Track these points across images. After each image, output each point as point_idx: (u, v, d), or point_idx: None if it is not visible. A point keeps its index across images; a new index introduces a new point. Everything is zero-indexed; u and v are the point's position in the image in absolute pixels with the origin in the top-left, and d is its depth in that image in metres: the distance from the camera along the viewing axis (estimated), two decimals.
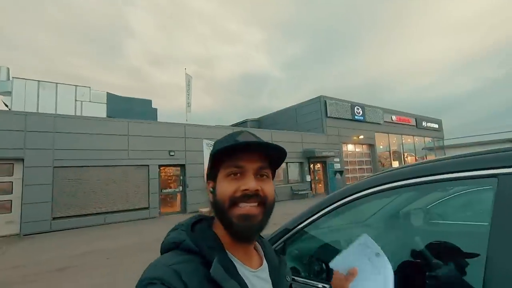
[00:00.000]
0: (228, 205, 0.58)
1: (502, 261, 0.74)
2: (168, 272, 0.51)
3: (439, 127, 28.95)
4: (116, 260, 5.55)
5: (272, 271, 0.67)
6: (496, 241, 0.77)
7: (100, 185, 10.20)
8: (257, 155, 0.61)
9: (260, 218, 0.59)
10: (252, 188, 0.58)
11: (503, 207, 0.78)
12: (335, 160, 18.17)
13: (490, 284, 0.74)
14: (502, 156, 0.85)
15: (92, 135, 10.20)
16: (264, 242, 0.73)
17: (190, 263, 0.54)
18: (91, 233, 8.54)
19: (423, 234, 1.59)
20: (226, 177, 0.60)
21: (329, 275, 1.34)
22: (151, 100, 24.39)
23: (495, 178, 0.83)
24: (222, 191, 0.60)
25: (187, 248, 0.57)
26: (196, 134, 12.67)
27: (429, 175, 1.01)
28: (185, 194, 12.29)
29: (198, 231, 0.62)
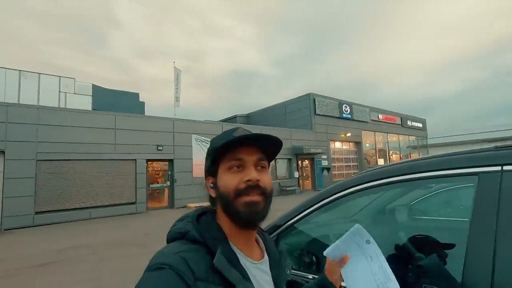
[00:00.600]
0: (233, 196, 0.61)
1: (480, 253, 0.80)
2: (176, 259, 0.53)
3: (423, 126, 29.77)
4: (101, 255, 5.48)
5: (273, 264, 0.69)
6: (475, 235, 0.83)
7: (85, 179, 9.98)
8: (255, 148, 0.64)
9: (263, 205, 0.62)
10: (254, 178, 0.61)
11: (483, 204, 0.84)
12: (322, 157, 18.43)
13: (468, 274, 0.81)
14: (483, 155, 0.91)
15: (77, 128, 9.94)
16: (265, 236, 0.75)
17: (196, 252, 0.56)
18: (76, 228, 8.37)
19: (407, 229, 1.67)
20: (228, 170, 0.63)
21: (319, 267, 1.39)
22: (139, 94, 23.95)
23: (476, 176, 0.89)
24: (225, 184, 0.63)
25: (192, 238, 0.60)
26: (185, 129, 12.55)
27: (414, 173, 1.06)
28: (173, 189, 12.20)
29: (203, 223, 0.64)
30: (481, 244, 0.81)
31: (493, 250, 0.77)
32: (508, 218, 0.79)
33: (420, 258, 1.14)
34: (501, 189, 0.82)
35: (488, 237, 0.80)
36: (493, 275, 0.75)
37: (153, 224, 8.72)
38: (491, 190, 0.83)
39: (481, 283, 0.77)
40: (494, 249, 0.77)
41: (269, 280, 0.66)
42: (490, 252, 0.78)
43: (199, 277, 0.52)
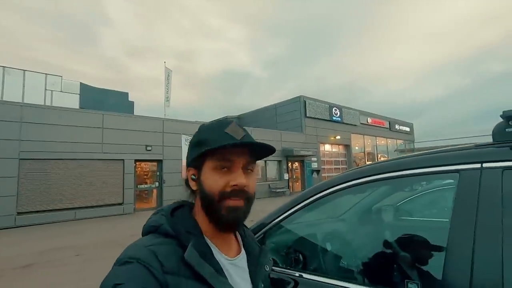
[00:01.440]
0: (218, 198, 0.59)
1: (460, 248, 0.82)
2: (145, 252, 0.52)
3: (410, 130, 30.42)
4: (86, 257, 5.35)
5: (251, 260, 0.68)
6: (456, 230, 0.85)
7: (70, 179, 9.73)
8: (246, 149, 0.62)
9: (244, 210, 0.61)
10: (241, 184, 0.60)
11: (464, 199, 0.86)
12: (312, 159, 18.57)
13: (448, 269, 0.82)
14: (463, 153, 0.94)
15: (64, 126, 9.70)
16: (245, 231, 0.74)
17: (168, 245, 0.55)
18: (60, 229, 8.15)
19: (392, 229, 1.70)
20: (214, 170, 0.60)
21: (305, 265, 1.40)
22: (128, 93, 23.61)
23: (457, 173, 0.91)
24: (211, 184, 0.60)
25: (165, 231, 0.59)
26: (175, 129, 12.43)
27: (398, 170, 1.08)
28: (162, 190, 12.05)
29: (178, 216, 0.63)
30: (461, 239, 0.83)
31: (472, 244, 0.79)
32: (487, 213, 0.81)
33: (403, 256, 1.16)
34: (480, 185, 0.84)
35: (467, 232, 0.82)
36: (472, 269, 0.77)
37: (141, 225, 8.28)
38: (472, 187, 0.86)
39: (461, 276, 0.79)
40: (473, 243, 0.79)
41: (246, 276, 0.64)
42: (469, 246, 0.80)
43: (169, 270, 0.51)
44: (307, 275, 1.32)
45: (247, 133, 0.65)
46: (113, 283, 0.48)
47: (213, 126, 0.65)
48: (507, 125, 0.89)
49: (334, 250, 1.51)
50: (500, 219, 0.78)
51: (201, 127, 0.68)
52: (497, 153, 0.87)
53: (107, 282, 0.49)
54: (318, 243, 1.62)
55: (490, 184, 0.83)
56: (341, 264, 1.36)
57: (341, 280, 1.13)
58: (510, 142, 0.87)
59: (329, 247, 1.54)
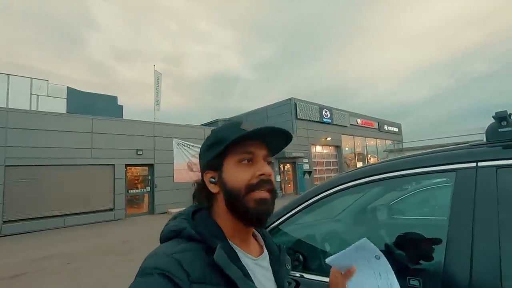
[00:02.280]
0: (245, 192, 0.58)
1: (459, 244, 0.85)
2: (168, 261, 0.49)
3: (398, 130, 31.02)
4: (78, 264, 5.22)
5: (273, 259, 0.67)
6: (454, 227, 0.89)
7: (59, 185, 9.49)
8: (263, 143, 0.63)
9: (271, 202, 0.60)
10: (267, 173, 0.60)
11: (461, 197, 0.90)
12: (304, 161, 18.69)
13: (449, 264, 0.86)
14: (460, 153, 0.98)
15: (51, 131, 9.47)
16: (263, 232, 0.74)
17: (192, 251, 0.53)
18: (49, 237, 7.93)
19: (392, 227, 1.74)
20: (238, 164, 0.60)
21: (305, 266, 1.42)
22: (117, 97, 23.24)
23: (454, 172, 0.95)
24: (236, 179, 0.59)
25: (188, 235, 0.56)
26: (166, 133, 12.32)
27: (396, 170, 1.12)
28: (153, 194, 11.89)
29: (199, 219, 0.61)
30: (459, 235, 0.87)
31: (471, 240, 0.83)
32: (483, 210, 0.85)
33: (404, 253, 1.20)
34: (476, 184, 0.89)
35: (465, 228, 0.86)
36: (471, 263, 0.81)
37: (133, 231, 8.44)
38: (468, 185, 0.90)
39: (461, 271, 0.82)
40: (472, 239, 0.83)
41: (270, 276, 0.64)
42: (468, 242, 0.83)
43: (195, 279, 0.49)
44: (308, 275, 1.34)
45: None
46: None
47: (227, 126, 0.65)
48: (499, 125, 0.94)
49: (335, 249, 1.54)
50: (496, 215, 0.83)
51: (214, 130, 0.67)
52: (491, 152, 0.92)
53: None
54: (318, 243, 1.65)
55: (485, 182, 0.88)
56: None
57: None
58: (503, 142, 0.92)
59: (329, 247, 1.56)
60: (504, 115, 0.93)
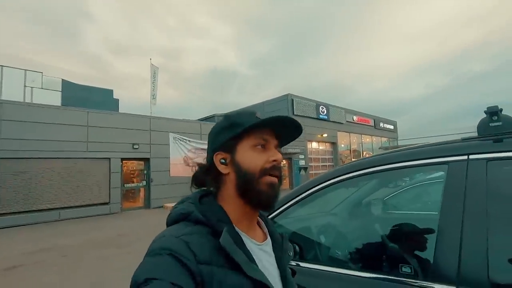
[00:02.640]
0: (259, 175, 0.61)
1: (450, 232, 0.89)
2: (177, 242, 0.51)
3: (394, 128, 31.23)
4: (74, 257, 5.24)
5: (276, 246, 0.69)
6: (445, 216, 0.93)
7: (54, 178, 9.45)
8: (274, 132, 0.66)
9: (278, 188, 0.64)
10: (280, 160, 0.64)
11: (452, 188, 0.94)
12: (300, 157, 18.78)
13: (439, 251, 0.90)
14: (451, 146, 1.02)
15: (45, 124, 9.39)
16: (267, 220, 0.76)
17: (199, 234, 0.55)
18: (45, 230, 7.91)
19: (382, 221, 1.78)
20: (254, 148, 0.63)
21: (301, 255, 1.46)
22: (112, 90, 23.06)
23: (446, 165, 0.99)
24: (251, 162, 0.62)
25: (196, 219, 0.58)
26: (162, 127, 12.27)
27: (391, 163, 1.15)
28: (149, 188, 11.89)
29: (206, 204, 0.63)
30: (450, 225, 0.91)
31: (461, 229, 0.87)
32: (474, 200, 0.89)
33: (397, 243, 1.24)
34: (467, 176, 0.92)
35: (456, 218, 0.90)
36: (460, 250, 0.85)
37: (128, 225, 8.45)
38: (459, 177, 0.94)
39: (450, 257, 0.86)
40: (462, 228, 0.87)
41: (273, 261, 0.66)
42: (458, 230, 0.87)
43: (202, 260, 0.50)
44: (304, 264, 1.38)
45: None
46: (145, 277, 0.47)
47: (242, 113, 0.67)
48: (490, 120, 0.98)
49: (330, 241, 1.58)
50: (485, 206, 0.87)
51: (229, 114, 0.69)
52: (482, 145, 0.96)
53: (138, 277, 0.48)
54: (313, 235, 1.68)
55: (476, 174, 0.91)
56: (337, 253, 1.43)
57: (338, 267, 1.20)
58: (494, 136, 0.96)
59: (324, 239, 1.60)
60: (495, 110, 0.97)
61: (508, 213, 0.89)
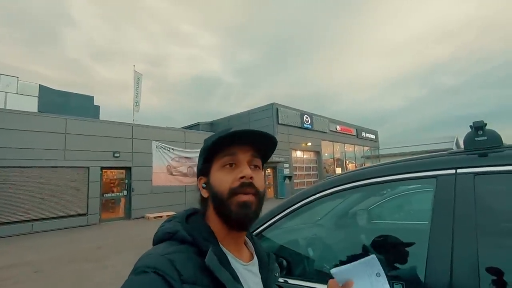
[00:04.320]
0: (227, 195, 0.60)
1: (440, 246, 0.89)
2: (162, 260, 0.51)
3: (375, 137, 32.13)
4: (46, 273, 4.92)
5: (262, 266, 0.68)
6: (436, 230, 0.92)
7: (28, 188, 8.93)
8: (249, 146, 0.64)
9: (255, 207, 0.61)
10: (247, 175, 0.60)
11: (441, 202, 0.94)
12: (285, 166, 18.85)
13: (431, 265, 0.89)
14: (440, 160, 1.03)
15: (20, 131, 8.93)
16: (254, 239, 0.75)
17: (184, 253, 0.54)
18: (15, 244, 7.42)
19: (370, 232, 1.78)
20: (222, 168, 0.62)
21: (289, 270, 1.42)
22: (93, 97, 22.39)
23: (435, 179, 0.99)
24: (219, 183, 0.61)
25: (181, 238, 0.58)
26: (145, 135, 11.99)
27: (381, 176, 1.15)
28: (130, 198, 11.49)
29: (192, 223, 0.63)
30: (440, 238, 0.90)
31: (451, 242, 0.87)
32: (462, 213, 0.89)
33: (388, 257, 1.23)
34: (455, 189, 0.93)
35: (446, 232, 0.89)
36: (451, 261, 0.84)
37: (107, 237, 8.08)
38: (448, 190, 0.94)
39: (442, 268, 0.86)
40: (452, 241, 0.87)
41: (259, 282, 0.65)
42: (448, 244, 0.87)
43: (187, 279, 0.50)
44: (292, 280, 1.34)
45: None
46: None
47: (215, 133, 0.66)
48: (476, 135, 0.99)
49: (318, 254, 1.55)
50: (474, 218, 0.87)
51: (205, 139, 0.69)
52: (469, 160, 0.97)
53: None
54: (301, 249, 1.65)
55: (463, 187, 0.92)
56: (326, 268, 1.40)
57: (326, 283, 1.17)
58: (479, 150, 0.97)
59: (313, 252, 1.57)
60: (481, 124, 0.98)
61: (495, 227, 0.90)
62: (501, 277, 0.83)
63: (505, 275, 0.82)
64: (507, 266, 0.84)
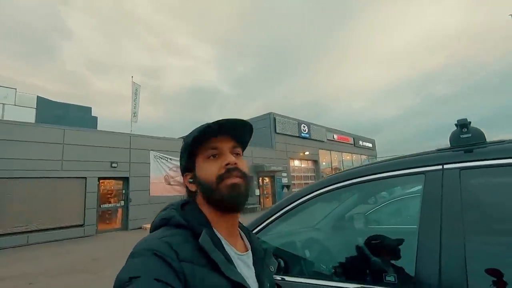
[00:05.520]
0: (216, 182, 0.62)
1: (429, 238, 0.92)
2: (159, 243, 0.53)
3: (373, 146, 32.30)
4: (41, 285, 4.85)
5: (256, 260, 0.69)
6: (424, 224, 0.95)
7: (24, 199, 8.84)
8: (228, 137, 0.67)
9: (244, 188, 0.64)
10: (232, 161, 0.64)
11: (429, 196, 0.97)
12: (283, 175, 18.83)
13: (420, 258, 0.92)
14: (428, 157, 1.07)
15: (18, 142, 8.91)
16: (250, 234, 0.76)
17: (180, 235, 0.57)
18: (10, 256, 7.30)
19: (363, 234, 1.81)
20: (206, 160, 0.65)
21: (286, 269, 1.44)
22: (91, 108, 22.52)
23: (423, 175, 1.03)
24: (206, 173, 0.64)
25: (177, 222, 0.60)
26: (143, 145, 11.99)
27: (371, 174, 1.19)
28: (128, 209, 11.39)
29: (187, 210, 0.66)
30: (429, 232, 0.94)
31: (439, 235, 0.90)
32: (449, 207, 0.93)
33: (380, 252, 1.25)
34: (443, 184, 0.97)
35: (434, 226, 0.93)
36: (440, 254, 0.87)
37: (104, 248, 7.98)
38: (435, 185, 0.98)
39: (431, 262, 0.89)
40: (440, 234, 0.90)
41: (252, 274, 0.66)
42: (437, 236, 0.90)
43: (184, 258, 0.52)
44: (289, 277, 1.36)
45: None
46: (129, 276, 0.48)
47: (192, 131, 0.69)
48: (461, 132, 1.04)
49: (314, 255, 1.57)
50: (460, 212, 0.90)
51: (185, 137, 0.71)
52: (455, 156, 1.01)
53: (122, 275, 0.48)
54: (297, 249, 1.67)
55: (450, 182, 0.96)
56: (322, 266, 1.42)
57: (324, 279, 1.19)
58: (464, 147, 1.02)
59: (309, 253, 1.59)
60: (465, 122, 1.03)
61: (481, 220, 0.93)
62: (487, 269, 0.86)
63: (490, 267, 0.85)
64: (492, 258, 0.87)
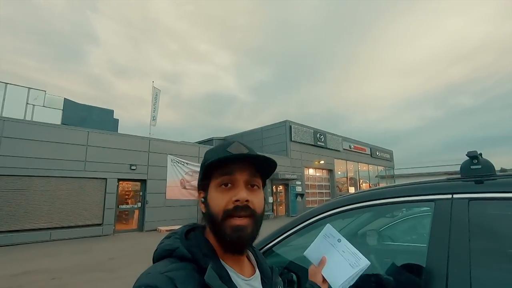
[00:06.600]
0: (222, 217, 0.59)
1: (437, 267, 0.97)
2: (162, 279, 0.50)
3: (390, 157, 31.53)
4: (63, 280, 5.09)
5: (265, 280, 0.67)
6: (433, 251, 1.01)
7: (48, 197, 9.33)
8: (248, 165, 0.62)
9: (250, 229, 0.60)
10: (242, 199, 0.59)
11: (438, 224, 1.03)
12: (297, 183, 18.74)
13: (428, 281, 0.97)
14: (438, 185, 1.12)
15: (46, 142, 9.44)
16: (256, 252, 0.74)
17: (184, 270, 0.54)
18: (34, 251, 7.70)
19: (376, 252, 1.84)
20: (218, 188, 0.61)
21: (299, 285, 1.50)
22: (113, 110, 23.35)
23: (433, 202, 1.08)
24: (215, 203, 0.60)
25: (181, 255, 0.57)
26: (161, 149, 12.35)
27: (383, 198, 1.25)
28: (144, 211, 11.72)
29: (192, 239, 0.62)
30: (437, 260, 0.99)
31: (446, 264, 0.95)
32: (457, 236, 0.98)
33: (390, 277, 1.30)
34: (451, 213, 1.02)
35: (442, 254, 0.98)
36: (447, 282, 0.92)
37: (120, 248, 8.25)
38: (445, 213, 1.03)
39: None
40: (447, 264, 0.95)
41: None
42: (444, 266, 0.95)
43: None
44: None
45: (252, 150, 0.65)
46: None
47: (216, 148, 0.66)
48: (471, 163, 1.09)
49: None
50: (468, 242, 0.95)
51: (206, 152, 0.68)
52: (464, 186, 1.06)
53: None
54: None
55: (459, 212, 1.01)
56: None
57: None
58: (474, 177, 1.07)
59: None
60: (475, 154, 1.08)
61: (487, 248, 0.97)
62: None
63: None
64: (496, 284, 0.91)
